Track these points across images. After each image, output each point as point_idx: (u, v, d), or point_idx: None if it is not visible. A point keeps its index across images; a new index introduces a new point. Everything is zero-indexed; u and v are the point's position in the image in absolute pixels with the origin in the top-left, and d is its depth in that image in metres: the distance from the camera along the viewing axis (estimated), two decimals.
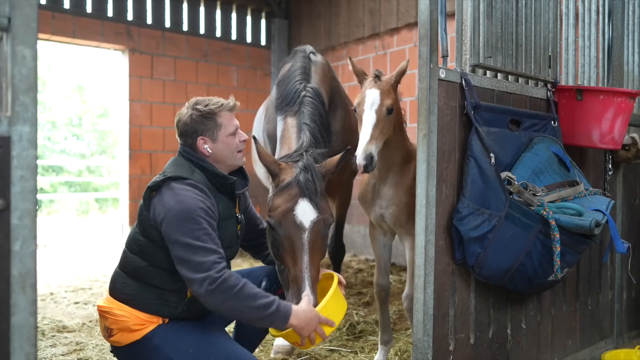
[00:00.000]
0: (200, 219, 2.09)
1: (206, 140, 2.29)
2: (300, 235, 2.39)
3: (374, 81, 2.69)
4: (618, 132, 2.83)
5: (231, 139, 2.32)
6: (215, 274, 2.01)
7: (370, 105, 2.60)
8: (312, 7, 7.49)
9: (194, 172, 2.26)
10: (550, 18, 2.91)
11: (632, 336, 3.63)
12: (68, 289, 5.10)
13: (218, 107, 2.31)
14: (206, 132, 2.29)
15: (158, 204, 2.15)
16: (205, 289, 2.00)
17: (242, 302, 2.02)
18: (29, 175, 1.35)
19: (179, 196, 2.12)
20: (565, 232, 2.38)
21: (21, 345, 1.35)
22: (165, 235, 2.11)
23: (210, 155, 2.31)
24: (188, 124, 2.29)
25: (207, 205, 2.14)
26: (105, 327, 2.27)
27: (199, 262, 2.02)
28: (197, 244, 2.05)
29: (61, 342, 3.52)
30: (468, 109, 2.41)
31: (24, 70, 1.36)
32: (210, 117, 2.29)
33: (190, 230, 2.06)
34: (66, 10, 6.16)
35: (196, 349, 2.17)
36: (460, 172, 2.45)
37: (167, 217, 2.09)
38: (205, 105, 2.30)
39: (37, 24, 1.38)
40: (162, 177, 2.20)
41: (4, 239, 1.33)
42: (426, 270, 2.33)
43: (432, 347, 2.35)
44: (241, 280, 2.06)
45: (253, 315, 2.06)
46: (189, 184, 2.18)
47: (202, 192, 2.17)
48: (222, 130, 2.30)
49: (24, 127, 1.35)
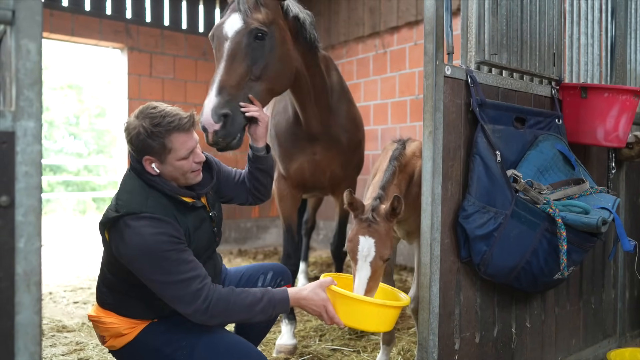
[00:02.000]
0: (167, 253, 1.96)
1: (153, 161, 2.06)
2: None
3: (367, 225, 2.29)
4: (622, 130, 2.82)
5: (182, 163, 2.08)
6: (202, 303, 1.97)
7: (364, 257, 2.26)
8: (311, 6, 7.42)
9: (148, 197, 2.05)
10: (555, 15, 2.89)
11: (634, 335, 3.63)
12: (67, 289, 5.07)
13: (169, 128, 2.02)
14: (152, 153, 2.04)
15: (119, 244, 2.00)
16: (199, 320, 2.02)
17: (239, 316, 2.06)
18: (33, 171, 1.33)
19: (138, 236, 1.95)
20: (572, 230, 2.36)
21: (26, 344, 1.32)
22: (136, 273, 2.02)
23: (159, 175, 2.10)
24: (134, 140, 2.04)
25: (169, 235, 1.98)
26: (99, 335, 2.27)
27: (181, 296, 1.98)
28: (173, 278, 1.96)
29: (61, 342, 3.49)
30: (474, 106, 2.39)
31: (29, 64, 1.33)
32: (158, 138, 2.02)
33: (162, 268, 1.96)
34: (65, 8, 6.13)
35: (190, 341, 2.15)
36: (465, 169, 2.43)
37: (133, 259, 1.98)
38: (154, 124, 2.02)
39: (41, 18, 1.36)
40: (114, 214, 2.00)
41: (9, 236, 1.31)
42: (432, 269, 2.31)
43: (438, 346, 2.33)
44: (229, 296, 2.02)
45: (257, 319, 2.09)
46: (144, 217, 1.98)
47: (160, 223, 1.99)
48: (171, 154, 2.05)
49: (29, 122, 1.32)
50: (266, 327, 2.61)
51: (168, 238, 1.98)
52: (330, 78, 3.37)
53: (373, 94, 6.55)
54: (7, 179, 1.30)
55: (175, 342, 2.14)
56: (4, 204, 1.30)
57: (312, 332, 3.75)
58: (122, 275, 2.13)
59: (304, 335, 3.68)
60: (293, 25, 2.86)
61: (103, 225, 2.07)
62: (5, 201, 1.30)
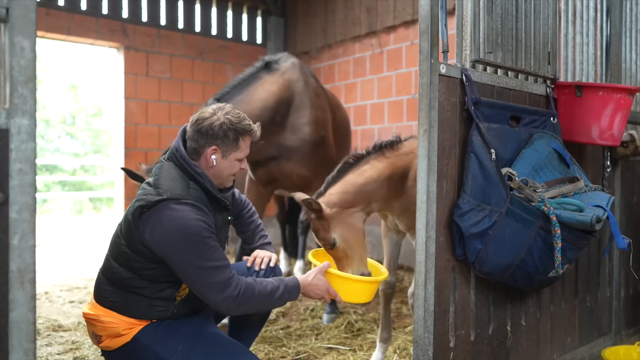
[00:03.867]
0: (206, 239, 2.05)
1: (217, 152, 2.20)
2: None
3: (313, 220, 2.69)
4: (617, 128, 2.83)
5: (236, 163, 2.26)
6: (234, 290, 2.06)
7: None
8: (308, 5, 7.47)
9: (189, 188, 2.15)
10: (550, 14, 2.90)
11: (629, 333, 3.64)
12: (63, 288, 5.06)
13: (246, 129, 2.22)
14: (222, 145, 2.19)
15: (158, 226, 2.04)
16: (229, 308, 2.09)
17: (263, 304, 2.16)
18: (27, 169, 1.33)
19: (182, 219, 2.02)
20: (566, 228, 2.37)
21: (20, 342, 1.32)
22: (167, 257, 2.05)
23: (212, 168, 2.22)
24: (214, 128, 2.17)
25: (208, 224, 2.09)
26: (94, 334, 2.25)
27: (215, 283, 2.05)
28: (209, 264, 2.04)
29: (57, 341, 3.48)
30: (469, 104, 2.40)
31: (23, 61, 1.33)
32: (237, 135, 2.20)
33: (200, 252, 2.03)
34: (60, 7, 6.12)
35: (186, 345, 2.16)
36: (460, 168, 2.44)
37: (172, 241, 2.02)
38: (238, 121, 2.20)
39: (36, 15, 1.36)
40: (157, 197, 2.05)
41: (3, 233, 1.31)
42: (427, 267, 2.32)
43: (433, 344, 2.33)
44: (254, 285, 2.12)
45: (274, 306, 2.24)
46: (187, 203, 2.07)
47: (201, 211, 2.09)
48: (236, 152, 2.22)
49: (23, 120, 1.32)
50: (259, 325, 2.63)
51: (207, 226, 2.08)
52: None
53: (370, 94, 6.56)
54: (1, 176, 1.31)
55: (171, 346, 2.15)
56: None
57: (308, 330, 3.75)
58: (133, 268, 2.15)
59: (300, 334, 3.69)
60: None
61: (142, 207, 2.07)
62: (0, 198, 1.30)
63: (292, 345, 3.42)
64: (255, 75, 3.76)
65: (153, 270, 2.14)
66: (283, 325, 3.86)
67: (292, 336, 3.64)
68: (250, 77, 3.75)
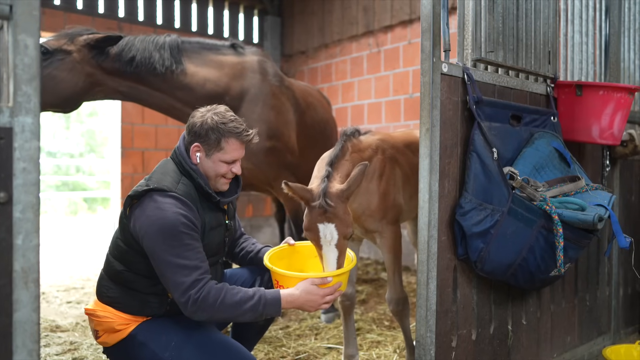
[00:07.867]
0: (182, 235, 2.03)
1: (200, 150, 2.21)
2: None
3: (323, 211, 2.23)
4: (617, 127, 2.83)
5: (222, 165, 2.23)
6: (195, 294, 1.99)
7: (328, 243, 2.23)
8: (305, 5, 7.45)
9: (179, 182, 2.17)
10: (550, 14, 2.91)
11: (628, 332, 3.65)
12: (60, 289, 5.04)
13: (232, 131, 2.19)
14: (204, 144, 2.20)
15: (140, 216, 2.08)
16: (188, 311, 2.02)
17: (228, 312, 2.04)
18: (31, 168, 1.32)
19: (161, 210, 2.04)
20: (568, 227, 2.37)
21: (24, 342, 1.31)
22: (146, 248, 2.07)
23: (198, 165, 2.23)
24: (196, 126, 2.20)
25: (189, 219, 2.06)
26: (93, 329, 2.28)
27: (180, 282, 2.00)
28: (179, 262, 2.01)
29: (55, 342, 3.46)
30: (470, 103, 2.40)
31: (27, 59, 1.32)
32: (220, 136, 2.18)
33: (171, 247, 2.01)
34: (57, 6, 6.08)
35: (179, 341, 2.15)
36: (462, 167, 2.44)
37: (148, 232, 2.04)
38: (222, 122, 2.19)
39: (39, 12, 1.35)
40: (144, 187, 2.10)
41: (6, 233, 1.30)
42: (429, 266, 2.31)
43: (435, 343, 2.33)
44: (221, 291, 2.04)
45: (245, 318, 2.08)
46: (171, 196, 2.08)
47: (184, 205, 2.09)
48: (219, 153, 2.21)
49: (27, 118, 1.31)
50: (262, 330, 2.61)
51: (187, 221, 2.05)
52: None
53: (367, 93, 6.55)
54: (5, 175, 1.29)
55: (165, 341, 2.15)
56: (1, 201, 1.29)
57: (307, 330, 3.74)
58: (126, 261, 2.17)
59: (299, 334, 3.68)
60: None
61: (130, 197, 2.13)
62: (3, 198, 1.29)
63: (291, 345, 3.41)
64: (218, 47, 3.68)
65: (143, 264, 2.15)
66: (282, 325, 3.85)
67: (292, 336, 3.63)
68: (213, 45, 3.67)
